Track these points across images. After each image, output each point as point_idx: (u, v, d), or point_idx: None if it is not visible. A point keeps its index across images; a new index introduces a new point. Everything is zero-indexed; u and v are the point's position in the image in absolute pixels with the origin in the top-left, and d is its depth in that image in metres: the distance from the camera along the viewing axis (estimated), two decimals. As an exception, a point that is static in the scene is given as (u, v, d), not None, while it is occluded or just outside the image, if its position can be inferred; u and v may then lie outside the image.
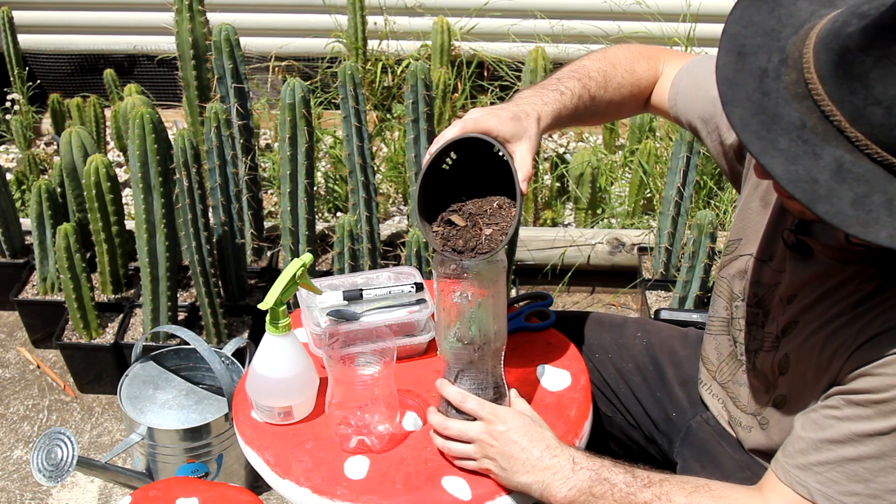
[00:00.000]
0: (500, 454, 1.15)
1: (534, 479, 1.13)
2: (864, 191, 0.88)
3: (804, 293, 1.15)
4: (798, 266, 1.16)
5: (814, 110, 0.90)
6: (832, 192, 0.88)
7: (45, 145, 3.37)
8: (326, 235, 2.61)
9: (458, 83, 3.23)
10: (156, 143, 1.97)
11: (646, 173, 2.76)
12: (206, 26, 2.40)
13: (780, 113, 0.91)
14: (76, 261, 2.19)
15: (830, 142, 0.89)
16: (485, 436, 1.16)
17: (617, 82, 1.36)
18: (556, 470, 1.12)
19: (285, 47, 3.38)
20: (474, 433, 1.17)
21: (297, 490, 1.21)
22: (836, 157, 0.89)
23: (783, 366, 1.18)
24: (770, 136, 0.91)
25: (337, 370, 1.22)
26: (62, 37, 3.56)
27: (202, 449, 1.84)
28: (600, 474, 1.11)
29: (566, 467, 1.12)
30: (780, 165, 0.89)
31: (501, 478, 1.17)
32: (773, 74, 0.94)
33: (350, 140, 2.17)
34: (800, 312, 1.15)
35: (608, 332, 1.53)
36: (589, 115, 1.34)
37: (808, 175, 0.89)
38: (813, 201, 0.88)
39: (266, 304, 1.25)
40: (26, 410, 2.33)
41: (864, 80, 0.87)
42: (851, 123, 0.88)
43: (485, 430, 1.16)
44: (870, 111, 0.87)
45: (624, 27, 3.33)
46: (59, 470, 1.59)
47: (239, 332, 2.33)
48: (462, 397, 1.18)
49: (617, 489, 1.10)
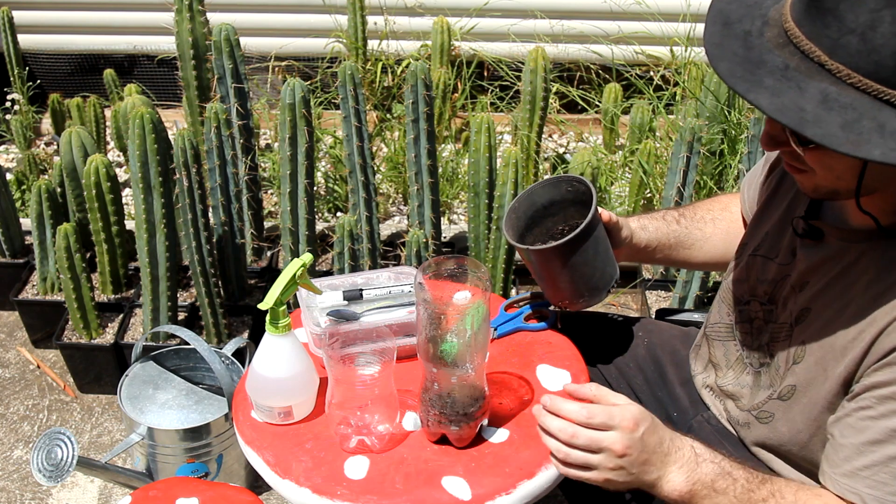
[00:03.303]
0: (634, 462, 1.07)
1: (658, 475, 1.08)
2: (853, 117, 0.91)
3: (815, 278, 1.15)
4: (809, 252, 1.17)
5: (795, 53, 0.95)
6: (820, 118, 0.91)
7: (45, 145, 3.37)
8: (326, 235, 2.61)
9: (458, 83, 3.23)
10: (156, 143, 1.97)
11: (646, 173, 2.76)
12: (206, 26, 2.40)
13: (764, 59, 0.96)
14: (76, 261, 2.19)
15: (814, 77, 0.93)
16: (619, 447, 1.07)
17: (706, 208, 1.55)
18: (682, 464, 1.09)
19: (285, 47, 3.38)
20: (608, 443, 1.07)
21: (297, 490, 1.21)
22: (821, 90, 0.93)
23: (798, 355, 1.17)
24: (755, 78, 0.95)
25: (337, 370, 1.22)
26: (62, 37, 3.56)
27: (202, 449, 1.84)
28: (723, 468, 1.09)
29: (690, 460, 1.09)
30: (766, 99, 0.93)
31: (620, 485, 1.09)
32: (756, 34, 0.99)
33: (350, 140, 2.17)
34: (812, 299, 1.15)
35: (609, 333, 1.54)
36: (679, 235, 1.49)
37: (794, 104, 0.93)
38: (801, 125, 0.91)
39: (266, 304, 1.25)
40: (26, 410, 2.33)
41: (836, 13, 0.91)
42: (831, 56, 0.92)
43: (620, 440, 1.07)
44: (845, 41, 0.91)
45: (624, 27, 3.33)
46: (59, 470, 1.59)
47: (239, 332, 2.33)
48: (588, 414, 1.08)
49: (738, 485, 1.08)
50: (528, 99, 2.63)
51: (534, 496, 1.21)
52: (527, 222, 1.42)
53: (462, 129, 3.21)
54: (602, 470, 1.08)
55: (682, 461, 1.09)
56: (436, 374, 1.19)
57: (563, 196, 1.41)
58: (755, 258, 1.30)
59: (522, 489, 1.20)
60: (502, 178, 2.16)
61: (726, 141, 2.75)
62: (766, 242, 1.28)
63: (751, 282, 1.30)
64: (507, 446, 1.25)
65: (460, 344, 1.15)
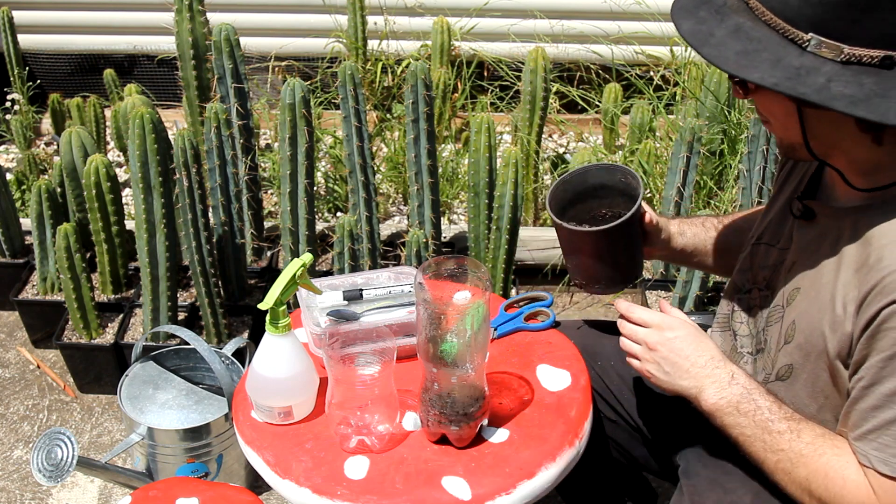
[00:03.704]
0: (665, 360, 1.22)
1: (692, 384, 1.20)
2: (755, 48, 1.01)
3: (804, 257, 1.19)
4: (803, 233, 1.20)
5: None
6: (723, 43, 1.03)
7: (45, 145, 3.37)
8: (326, 235, 2.61)
9: (458, 83, 3.23)
10: (156, 143, 1.97)
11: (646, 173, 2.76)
12: (206, 26, 2.40)
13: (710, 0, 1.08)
14: (76, 261, 2.19)
15: (738, 13, 1.04)
16: (650, 341, 1.23)
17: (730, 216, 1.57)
18: (715, 379, 1.18)
19: (285, 47, 3.38)
20: (642, 336, 1.24)
21: (297, 490, 1.21)
22: (737, 23, 1.04)
23: (789, 334, 1.20)
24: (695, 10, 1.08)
25: (337, 370, 1.22)
26: (62, 37, 3.56)
27: (202, 449, 1.84)
28: (751, 394, 1.16)
29: (724, 379, 1.18)
30: (689, 24, 1.06)
31: (661, 381, 1.23)
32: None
33: (350, 140, 2.17)
34: (802, 278, 1.19)
35: (608, 339, 1.53)
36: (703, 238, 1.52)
37: (708, 31, 1.05)
38: (701, 45, 1.03)
39: (266, 304, 1.25)
40: (26, 410, 2.33)
41: None
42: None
43: (653, 336, 1.23)
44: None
45: (624, 27, 3.33)
46: (59, 470, 1.59)
47: (239, 332, 2.33)
48: (628, 308, 1.27)
49: (760, 412, 1.15)
50: (528, 99, 2.63)
51: (534, 496, 1.21)
52: (572, 197, 1.44)
53: (462, 129, 3.21)
54: (643, 361, 1.25)
55: (717, 378, 1.18)
56: (436, 374, 1.19)
57: (614, 183, 1.43)
58: (759, 246, 1.33)
59: (522, 489, 1.20)
60: (502, 178, 2.16)
61: (726, 141, 2.75)
62: (770, 230, 1.31)
63: (753, 270, 1.32)
64: (507, 446, 1.25)
65: (460, 344, 1.15)
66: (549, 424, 1.29)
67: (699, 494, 1.29)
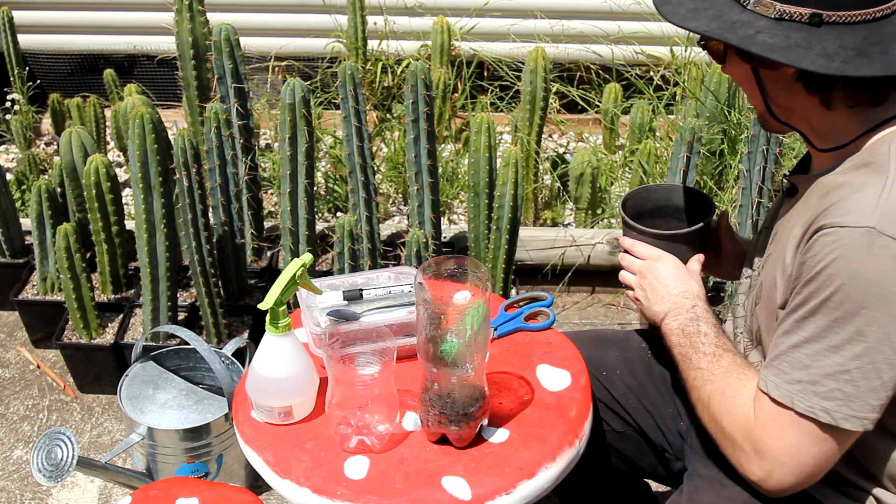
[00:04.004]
0: (650, 286, 1.34)
1: (661, 309, 1.31)
2: (703, 6, 1.11)
3: (782, 227, 1.22)
4: (786, 207, 1.24)
5: None
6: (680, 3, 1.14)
7: (45, 145, 3.37)
8: (326, 235, 2.61)
9: (458, 83, 3.23)
10: (156, 143, 1.97)
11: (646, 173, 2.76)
12: (206, 26, 2.40)
13: None
14: (76, 261, 2.19)
15: None
16: (643, 269, 1.36)
17: None
18: (678, 306, 1.29)
19: (285, 47, 3.38)
20: (638, 266, 1.37)
21: (297, 490, 1.21)
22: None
23: (758, 297, 1.25)
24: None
25: (337, 370, 1.22)
26: (62, 37, 3.56)
27: (202, 449, 1.84)
28: (698, 321, 1.26)
29: (686, 307, 1.29)
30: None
31: (644, 307, 1.35)
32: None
33: (350, 140, 2.17)
34: (774, 245, 1.23)
35: (612, 349, 1.53)
36: None
37: None
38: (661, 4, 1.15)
39: (266, 304, 1.25)
40: (26, 410, 2.33)
41: None
42: None
43: (645, 265, 1.36)
44: None
45: (624, 27, 3.33)
46: (59, 470, 1.59)
47: (239, 332, 2.33)
48: (632, 243, 1.39)
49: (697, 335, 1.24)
50: (528, 99, 2.63)
51: (534, 496, 1.21)
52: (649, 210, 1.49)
53: (462, 129, 3.21)
54: (635, 289, 1.37)
55: (680, 306, 1.29)
56: (436, 374, 1.19)
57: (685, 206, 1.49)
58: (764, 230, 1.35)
59: (522, 489, 1.20)
60: (502, 178, 2.16)
61: (726, 141, 2.75)
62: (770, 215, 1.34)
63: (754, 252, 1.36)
64: (507, 446, 1.26)
65: (460, 344, 1.15)
66: (549, 424, 1.29)
67: (698, 492, 1.29)
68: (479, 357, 1.18)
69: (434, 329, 1.14)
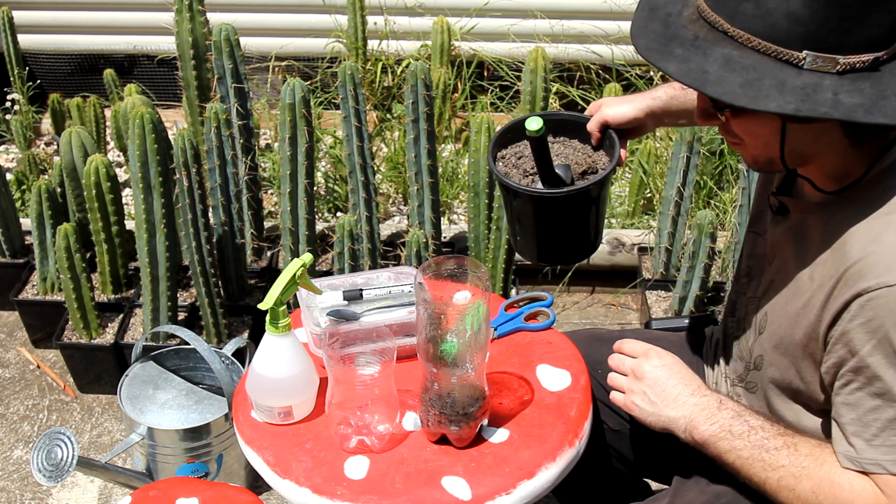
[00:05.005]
0: (651, 388, 1.21)
1: (681, 414, 1.19)
2: (754, 76, 0.99)
3: (781, 252, 1.20)
4: (775, 228, 1.22)
5: (703, 25, 1.03)
6: (722, 78, 0.99)
7: (45, 145, 3.37)
8: (326, 235, 2.61)
9: (458, 83, 3.23)
10: (156, 143, 1.97)
11: (646, 173, 2.76)
12: (206, 26, 2.40)
13: (678, 34, 1.05)
14: (76, 261, 2.19)
15: (718, 44, 1.01)
16: (638, 370, 1.23)
17: None
18: (704, 407, 1.18)
19: (285, 47, 3.38)
20: (629, 365, 1.25)
21: (297, 490, 1.21)
22: (724, 54, 1.00)
23: (762, 325, 1.22)
24: (667, 49, 1.04)
25: (337, 370, 1.22)
26: (62, 37, 3.56)
27: (202, 449, 1.84)
28: (742, 416, 1.16)
29: (713, 405, 1.18)
30: (674, 66, 1.02)
31: (648, 413, 1.22)
32: (676, 14, 1.07)
33: (350, 140, 2.17)
34: (776, 271, 1.21)
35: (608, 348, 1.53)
36: None
37: (698, 68, 1.01)
38: (702, 84, 1.00)
39: (266, 304, 1.25)
40: (26, 410, 2.33)
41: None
42: (731, 23, 1.00)
43: (639, 365, 1.24)
44: (742, 7, 0.98)
45: (624, 27, 3.33)
46: (59, 470, 1.59)
47: (239, 332, 2.33)
48: (619, 343, 1.28)
49: (754, 432, 1.14)
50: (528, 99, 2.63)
51: (534, 496, 1.22)
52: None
53: (462, 129, 3.21)
54: (627, 392, 1.24)
55: (706, 406, 1.18)
56: (436, 374, 1.19)
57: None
58: (749, 234, 1.35)
59: (522, 489, 1.20)
60: (502, 178, 2.16)
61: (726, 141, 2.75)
62: (756, 219, 1.33)
63: (744, 257, 1.35)
64: (507, 446, 1.26)
65: (460, 344, 1.15)
66: (549, 424, 1.29)
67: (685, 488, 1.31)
68: (479, 357, 1.18)
69: (434, 329, 1.14)
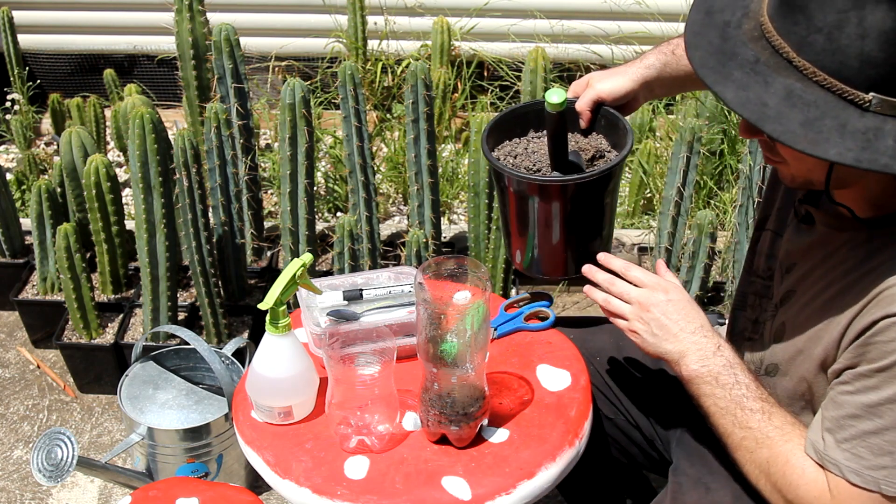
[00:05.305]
0: (655, 321, 1.18)
1: (677, 348, 1.17)
2: (815, 115, 0.94)
3: (803, 262, 1.18)
4: (797, 235, 1.20)
5: (766, 47, 0.98)
6: (781, 114, 0.95)
7: (45, 145, 3.37)
8: (326, 235, 2.61)
9: (458, 83, 3.23)
10: (156, 143, 1.97)
11: (646, 173, 2.76)
12: (206, 26, 2.40)
13: (737, 52, 0.99)
14: (76, 261, 2.19)
15: (781, 72, 0.96)
16: (644, 300, 1.19)
17: None
18: (701, 347, 1.16)
19: (285, 47, 3.38)
20: (636, 295, 1.20)
21: (297, 490, 1.21)
22: (786, 85, 0.95)
23: (779, 334, 1.21)
24: (725, 70, 0.99)
25: (337, 370, 1.22)
26: (62, 37, 3.56)
27: (202, 449, 1.84)
28: (733, 368, 1.14)
29: (710, 348, 1.16)
30: (732, 92, 0.97)
31: (647, 342, 1.20)
32: (735, 25, 1.01)
33: (350, 140, 2.17)
34: (797, 282, 1.19)
35: (607, 335, 1.54)
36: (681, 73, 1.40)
37: (757, 99, 0.96)
38: (761, 120, 0.95)
39: (266, 304, 1.25)
40: (26, 410, 2.33)
41: (805, 11, 0.93)
42: (798, 53, 0.95)
43: (647, 296, 1.20)
44: (812, 39, 0.93)
45: (624, 27, 3.33)
46: (59, 470, 1.59)
47: (239, 332, 2.33)
48: (626, 266, 1.23)
49: (738, 387, 1.13)
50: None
51: (534, 496, 1.22)
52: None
53: (462, 129, 3.21)
54: (631, 321, 1.21)
55: (702, 346, 1.16)
56: (436, 374, 1.19)
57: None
58: (766, 232, 1.32)
59: (522, 489, 1.20)
60: (502, 178, 2.16)
61: (726, 141, 2.75)
62: (776, 217, 1.30)
63: (761, 255, 1.33)
64: (507, 446, 1.26)
65: (460, 344, 1.15)
66: (549, 424, 1.29)
67: (682, 493, 1.30)
68: (479, 357, 1.18)
69: (434, 329, 1.14)
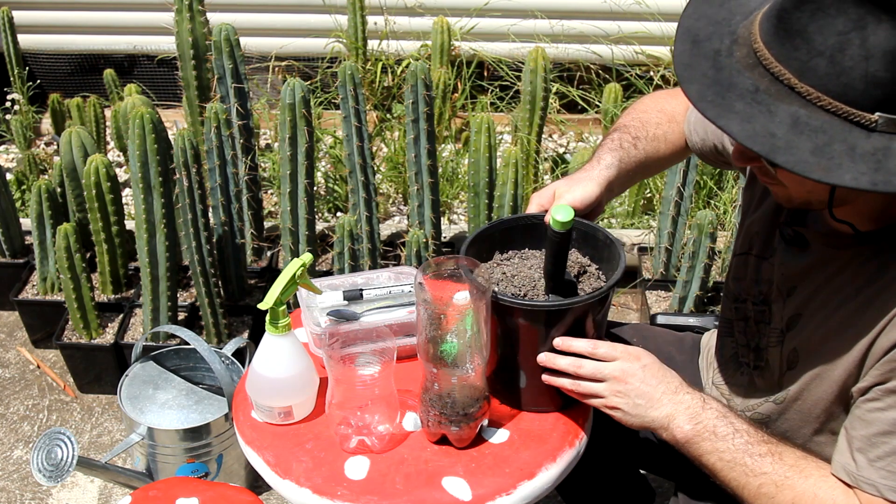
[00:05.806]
0: (635, 391, 1.15)
1: (663, 413, 1.14)
2: (824, 140, 0.91)
3: (804, 285, 1.16)
4: (793, 258, 1.17)
5: (764, 75, 0.94)
6: (791, 144, 0.91)
7: (45, 145, 3.37)
8: (326, 235, 2.61)
9: (458, 83, 3.23)
10: (156, 143, 1.97)
11: (646, 173, 2.76)
12: (206, 26, 2.40)
13: (734, 82, 0.96)
14: (76, 261, 2.19)
15: (784, 100, 0.93)
16: (620, 374, 1.16)
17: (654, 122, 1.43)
18: (688, 405, 1.14)
19: (285, 47, 3.38)
20: (609, 371, 1.16)
21: (297, 490, 1.21)
22: (790, 113, 0.92)
23: (792, 360, 1.18)
24: (725, 102, 0.95)
25: (337, 370, 1.22)
26: (62, 37, 3.56)
27: (202, 449, 1.84)
28: (727, 417, 1.12)
29: (697, 404, 1.14)
30: (737, 125, 0.93)
31: (630, 415, 1.16)
32: (726, 53, 0.98)
33: (350, 140, 2.17)
34: (802, 305, 1.16)
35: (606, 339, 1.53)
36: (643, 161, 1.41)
37: (764, 130, 0.92)
38: (772, 152, 0.91)
39: (266, 304, 1.25)
40: (26, 410, 2.33)
41: (804, 35, 0.91)
42: (800, 79, 0.92)
43: (621, 368, 1.16)
44: (814, 63, 0.91)
45: (624, 27, 3.33)
46: (59, 470, 1.59)
47: (239, 332, 2.33)
48: (593, 345, 1.18)
49: (739, 435, 1.11)
50: (528, 99, 2.63)
51: (534, 497, 1.21)
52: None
53: (462, 129, 3.21)
54: (608, 398, 1.16)
55: (690, 404, 1.13)
56: (436, 375, 1.19)
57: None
58: (749, 257, 1.30)
59: (522, 489, 1.20)
60: (502, 178, 2.16)
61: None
62: (758, 242, 1.28)
63: (747, 281, 1.30)
64: (507, 446, 1.25)
65: (460, 344, 1.15)
66: (549, 425, 1.28)
67: None
68: (479, 357, 1.18)
69: (434, 329, 1.14)
